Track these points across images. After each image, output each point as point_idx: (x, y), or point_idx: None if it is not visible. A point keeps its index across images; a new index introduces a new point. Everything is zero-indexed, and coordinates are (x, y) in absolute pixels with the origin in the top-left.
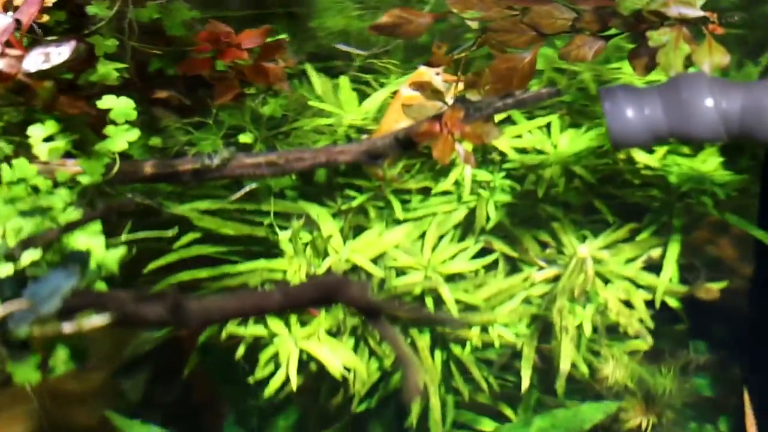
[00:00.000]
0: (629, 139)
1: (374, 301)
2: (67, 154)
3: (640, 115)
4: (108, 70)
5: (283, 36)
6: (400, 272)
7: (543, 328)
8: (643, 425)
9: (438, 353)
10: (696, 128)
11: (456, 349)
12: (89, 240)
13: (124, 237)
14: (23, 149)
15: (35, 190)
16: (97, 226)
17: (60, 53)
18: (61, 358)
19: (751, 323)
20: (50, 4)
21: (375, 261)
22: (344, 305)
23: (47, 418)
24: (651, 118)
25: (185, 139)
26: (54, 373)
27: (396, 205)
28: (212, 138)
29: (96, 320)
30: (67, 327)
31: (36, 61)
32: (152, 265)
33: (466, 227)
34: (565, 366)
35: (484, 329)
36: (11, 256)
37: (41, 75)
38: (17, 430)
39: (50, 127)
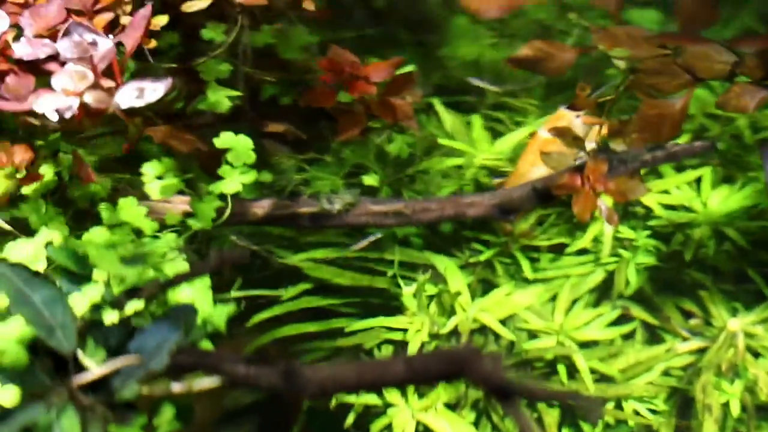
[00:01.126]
0: None
1: (508, 381)
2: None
3: None
4: (219, 98)
5: (411, 68)
6: (531, 335)
7: (683, 405)
8: None
9: (567, 430)
10: None
11: (587, 428)
12: (196, 294)
13: (233, 293)
14: (123, 188)
15: (138, 233)
16: (205, 281)
17: (155, 90)
18: (166, 418)
19: None
20: (159, 28)
21: (504, 322)
22: (473, 382)
23: None
24: None
25: (300, 178)
26: None
27: (525, 263)
28: (331, 177)
29: (206, 382)
30: (177, 387)
31: (129, 96)
32: (257, 318)
33: (603, 290)
34: None
35: (618, 404)
36: (116, 304)
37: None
38: None
39: (164, 164)
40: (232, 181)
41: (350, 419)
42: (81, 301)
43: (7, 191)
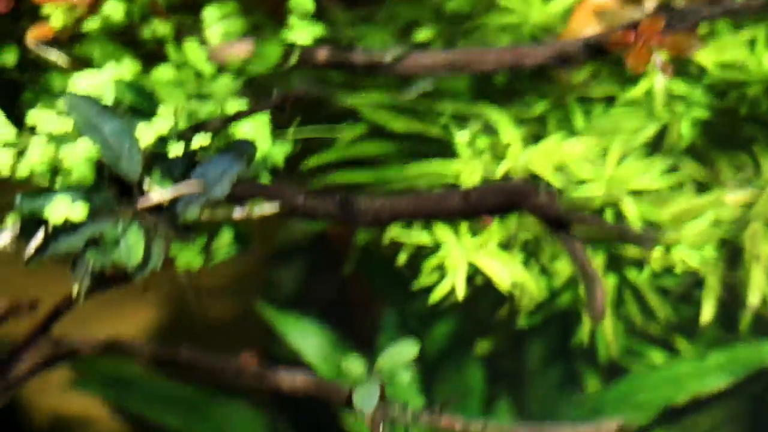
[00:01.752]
0: None
1: (564, 212)
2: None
3: None
4: None
5: None
6: (580, 184)
7: (731, 255)
8: None
9: (611, 277)
10: None
11: (631, 274)
12: (256, 131)
13: (292, 131)
14: (186, 30)
15: (198, 75)
16: (265, 117)
17: None
18: (225, 242)
19: None
20: None
21: (554, 171)
22: (530, 213)
23: (184, 310)
24: None
25: (352, 34)
26: (215, 258)
27: (577, 115)
28: (384, 33)
29: (266, 208)
30: (238, 212)
31: None
32: (314, 161)
33: (655, 144)
34: (753, 299)
35: (666, 252)
36: (182, 138)
37: None
38: (143, 324)
39: (226, 8)
40: (302, 31)
41: (402, 258)
42: (148, 133)
43: (67, 26)
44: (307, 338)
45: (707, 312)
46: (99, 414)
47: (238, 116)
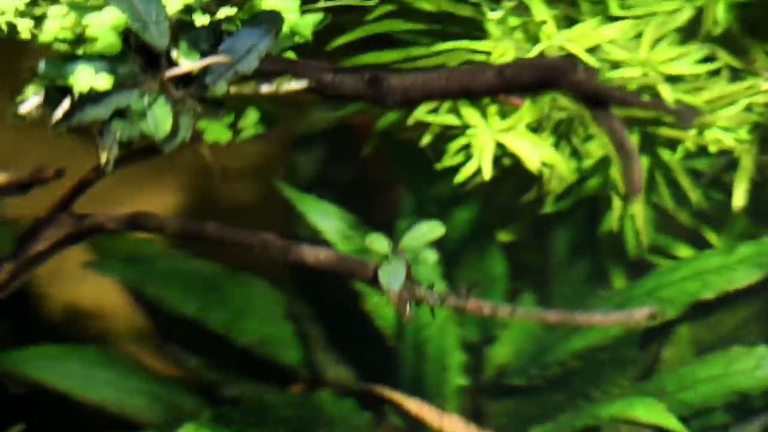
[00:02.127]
0: None
1: (603, 88)
2: None
3: None
4: None
5: None
6: (615, 67)
7: (763, 138)
8: None
9: (644, 158)
10: None
11: (665, 154)
12: (284, 2)
13: (321, 3)
14: None
15: None
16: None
17: None
18: (252, 120)
19: None
20: None
21: (588, 52)
22: (566, 91)
23: (206, 190)
24: None
25: None
26: (242, 135)
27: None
28: None
29: (293, 84)
30: (265, 88)
31: None
32: (342, 39)
33: (689, 32)
34: None
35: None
36: (207, 9)
37: None
38: (165, 204)
39: None
40: None
41: (426, 139)
42: (173, 4)
43: None
44: (327, 219)
45: (739, 196)
46: (113, 303)
47: None
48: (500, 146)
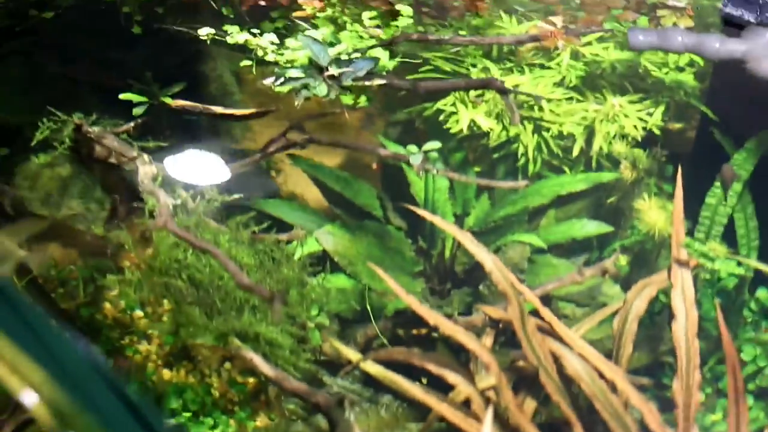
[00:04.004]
0: None
1: (504, 89)
2: None
3: None
4: None
5: None
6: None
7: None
8: None
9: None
10: None
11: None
12: (380, 54)
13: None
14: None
15: (359, 36)
16: (385, 51)
17: None
18: (363, 99)
19: None
20: None
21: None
22: (495, 89)
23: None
24: None
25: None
26: (359, 104)
27: None
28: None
29: (377, 82)
30: (367, 83)
31: None
32: (408, 76)
33: (559, 83)
34: None
35: None
36: (348, 54)
37: None
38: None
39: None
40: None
41: (428, 113)
42: (332, 50)
43: (309, 13)
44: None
45: (577, 148)
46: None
47: (373, 47)
48: (472, 121)
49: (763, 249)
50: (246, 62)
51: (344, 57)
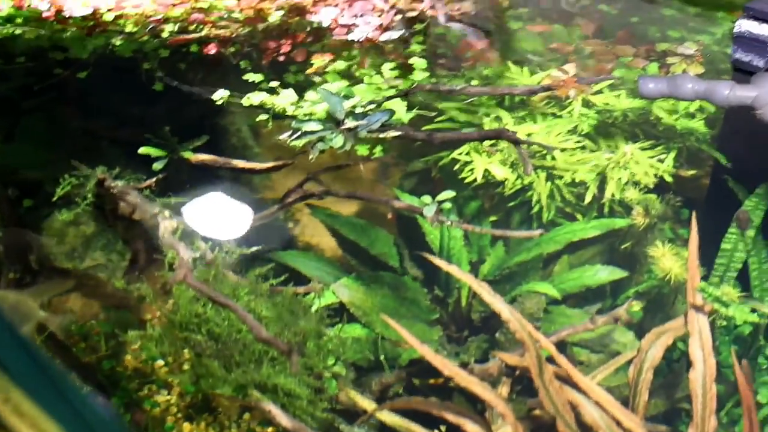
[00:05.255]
0: None
1: (517, 139)
2: None
3: None
4: None
5: None
6: (529, 138)
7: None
8: None
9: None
10: None
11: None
12: (396, 106)
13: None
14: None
15: (377, 87)
16: (401, 102)
17: None
18: (378, 149)
19: None
20: None
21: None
22: (506, 139)
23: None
24: None
25: (447, 80)
26: (374, 155)
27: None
28: (459, 79)
29: (392, 133)
30: (382, 135)
31: None
32: (425, 127)
33: (572, 131)
34: None
35: None
36: (363, 107)
37: None
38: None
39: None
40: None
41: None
42: (348, 103)
43: (320, 69)
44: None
45: (589, 195)
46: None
47: (388, 99)
48: (486, 170)
49: None
50: (263, 116)
51: (359, 110)
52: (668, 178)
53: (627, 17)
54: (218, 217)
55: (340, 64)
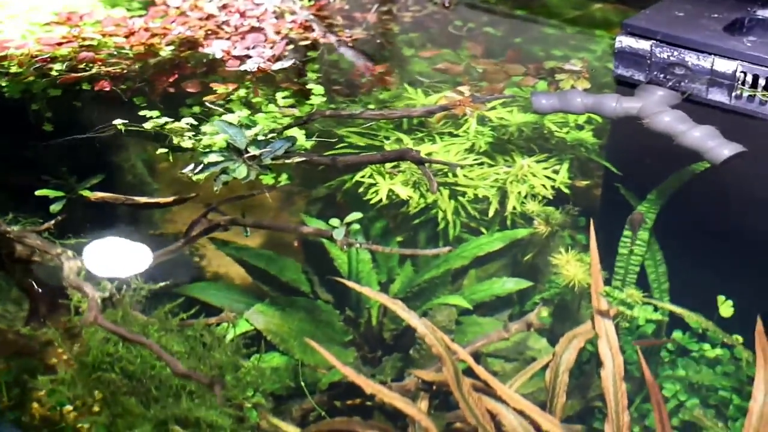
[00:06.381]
0: None
1: (421, 159)
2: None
3: None
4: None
5: None
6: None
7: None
8: None
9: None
10: None
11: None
12: (296, 134)
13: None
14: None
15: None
16: (302, 129)
17: None
18: (284, 178)
19: None
20: None
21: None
22: (410, 160)
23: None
24: None
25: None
26: (280, 183)
27: (437, 137)
28: (356, 105)
29: (296, 159)
30: (288, 161)
31: None
32: (327, 152)
33: (470, 150)
34: None
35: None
36: (264, 135)
37: None
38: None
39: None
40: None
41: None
42: (249, 133)
43: (221, 96)
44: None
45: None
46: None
47: (289, 127)
48: (390, 190)
49: (673, 291)
50: (162, 150)
51: (261, 138)
52: (565, 189)
53: (511, 38)
54: (121, 256)
55: (242, 92)
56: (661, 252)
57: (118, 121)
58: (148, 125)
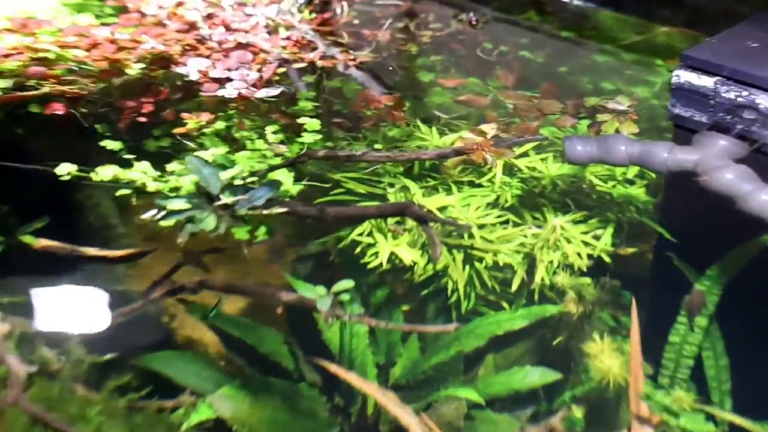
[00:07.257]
0: None
1: (424, 215)
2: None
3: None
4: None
5: None
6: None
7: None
8: None
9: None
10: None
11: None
12: (283, 177)
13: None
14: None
15: (262, 155)
16: (289, 172)
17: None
18: (262, 232)
19: None
20: None
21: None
22: (410, 216)
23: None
24: None
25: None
26: (257, 238)
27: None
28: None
29: (279, 210)
30: (266, 211)
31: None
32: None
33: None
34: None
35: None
36: (243, 178)
37: None
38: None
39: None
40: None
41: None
42: (226, 174)
43: (193, 129)
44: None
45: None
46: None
47: (273, 169)
48: (392, 253)
49: (737, 393)
50: (124, 191)
51: (239, 182)
52: (606, 258)
53: (553, 66)
54: (67, 316)
55: (219, 125)
56: (723, 342)
57: (67, 167)
58: (101, 168)
